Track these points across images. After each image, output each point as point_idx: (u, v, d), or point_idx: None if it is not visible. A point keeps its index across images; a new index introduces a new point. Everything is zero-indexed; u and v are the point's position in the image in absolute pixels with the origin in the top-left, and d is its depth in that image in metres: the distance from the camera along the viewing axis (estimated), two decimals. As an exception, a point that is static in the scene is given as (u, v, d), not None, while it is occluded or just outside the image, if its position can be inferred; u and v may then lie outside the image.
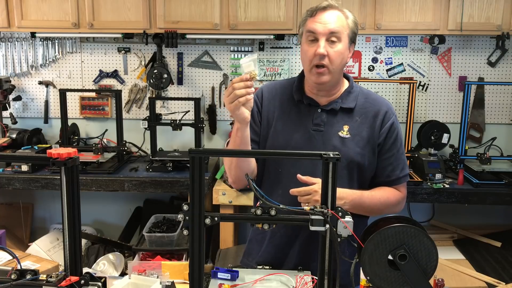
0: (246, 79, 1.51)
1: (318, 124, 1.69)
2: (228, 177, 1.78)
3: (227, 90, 1.54)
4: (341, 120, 1.70)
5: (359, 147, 1.68)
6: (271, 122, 1.75)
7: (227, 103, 1.54)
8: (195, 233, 1.19)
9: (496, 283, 2.64)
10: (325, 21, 1.61)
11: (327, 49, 1.61)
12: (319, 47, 1.60)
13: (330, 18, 1.62)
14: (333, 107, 1.70)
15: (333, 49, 1.62)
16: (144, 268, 2.37)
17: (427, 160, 3.01)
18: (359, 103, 1.72)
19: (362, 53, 3.47)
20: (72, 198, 1.17)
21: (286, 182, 1.68)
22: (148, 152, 3.42)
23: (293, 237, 1.71)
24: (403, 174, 1.74)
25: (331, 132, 1.69)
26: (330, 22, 1.61)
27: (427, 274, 1.25)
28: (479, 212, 3.49)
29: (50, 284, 1.17)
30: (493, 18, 3.07)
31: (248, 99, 1.52)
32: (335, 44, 1.62)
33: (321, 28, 1.61)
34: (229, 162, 1.72)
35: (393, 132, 1.72)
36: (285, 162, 1.70)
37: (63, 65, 3.60)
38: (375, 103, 1.73)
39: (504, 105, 3.49)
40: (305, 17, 1.68)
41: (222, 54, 3.53)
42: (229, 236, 3.16)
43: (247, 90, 1.51)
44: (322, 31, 1.61)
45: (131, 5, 3.15)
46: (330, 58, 1.62)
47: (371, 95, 1.77)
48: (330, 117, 1.70)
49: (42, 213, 3.76)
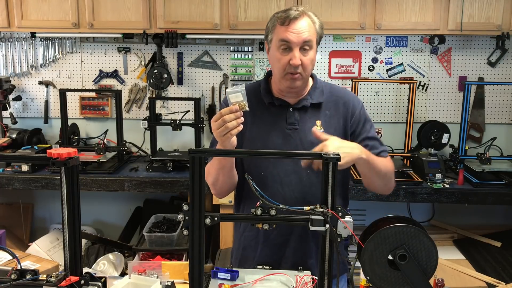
0: (236, 110, 1.50)
1: (292, 123, 1.72)
2: (212, 190, 1.78)
3: (216, 120, 1.51)
4: (312, 116, 1.75)
5: None
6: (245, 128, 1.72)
7: (217, 135, 1.52)
8: (195, 233, 1.19)
9: (496, 283, 2.64)
10: (298, 31, 1.63)
11: (301, 57, 1.64)
12: (294, 58, 1.64)
13: (303, 27, 1.64)
14: (303, 104, 1.75)
15: (306, 57, 1.66)
16: (144, 268, 2.38)
17: (427, 160, 3.02)
18: (326, 96, 1.78)
19: (362, 53, 3.47)
20: (72, 198, 1.17)
21: (271, 184, 1.70)
22: (148, 152, 3.42)
23: (287, 237, 1.72)
24: (381, 149, 1.77)
25: (305, 128, 1.72)
26: (304, 32, 1.63)
27: (427, 274, 1.25)
28: (479, 212, 3.49)
29: (50, 284, 1.17)
30: (493, 18, 3.07)
31: (239, 129, 1.52)
32: (307, 52, 1.66)
33: (295, 38, 1.63)
34: (213, 179, 1.71)
35: (362, 117, 1.78)
36: (266, 164, 1.71)
37: (63, 65, 3.60)
38: (341, 94, 1.81)
39: (504, 105, 3.49)
40: (273, 23, 1.69)
41: (222, 54, 3.53)
42: (229, 236, 3.16)
43: (237, 121, 1.50)
44: (296, 41, 1.63)
45: (131, 5, 3.15)
46: (304, 66, 1.66)
47: (335, 88, 1.84)
48: (302, 114, 1.75)
49: (42, 213, 3.76)
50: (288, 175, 1.70)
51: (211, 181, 1.73)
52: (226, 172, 1.68)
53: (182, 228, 1.22)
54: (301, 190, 1.69)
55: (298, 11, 1.65)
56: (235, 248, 1.87)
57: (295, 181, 1.70)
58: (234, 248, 1.89)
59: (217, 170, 1.68)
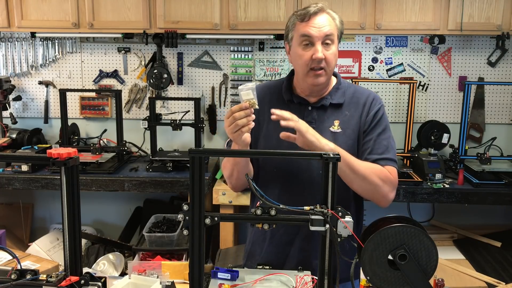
0: (246, 107, 1.51)
1: (309, 121, 1.71)
2: (228, 184, 1.82)
3: (227, 118, 1.54)
4: (331, 115, 1.73)
5: (351, 140, 1.71)
6: (262, 124, 1.77)
7: (229, 132, 1.55)
8: (195, 233, 1.19)
9: (496, 283, 2.64)
10: (319, 25, 1.64)
11: (324, 52, 1.65)
12: (317, 52, 1.64)
13: (323, 21, 1.65)
14: (323, 103, 1.74)
15: (328, 51, 1.66)
16: (144, 268, 2.37)
17: (427, 160, 3.01)
18: (347, 97, 1.76)
19: (362, 53, 3.47)
20: (72, 198, 1.17)
21: (282, 182, 1.71)
22: (148, 152, 3.42)
23: (293, 236, 1.72)
24: (382, 157, 1.69)
25: (322, 128, 1.71)
26: (324, 26, 1.65)
27: (427, 274, 1.25)
28: (479, 212, 3.49)
29: (50, 284, 1.17)
30: (493, 18, 3.07)
31: (250, 127, 1.53)
32: (330, 46, 1.66)
33: (316, 32, 1.64)
34: (228, 173, 1.75)
35: (376, 117, 1.73)
36: (279, 161, 1.72)
37: (63, 65, 3.60)
38: (363, 94, 1.77)
39: (504, 105, 3.49)
40: (293, 21, 1.70)
41: (222, 54, 3.53)
42: (229, 236, 3.16)
43: (248, 118, 1.52)
44: (318, 35, 1.64)
45: (131, 5, 3.15)
46: (327, 60, 1.66)
47: (359, 89, 1.81)
48: (321, 113, 1.74)
49: (42, 213, 3.77)
50: (301, 172, 1.69)
51: (227, 174, 1.77)
52: (241, 168, 1.69)
53: (182, 228, 1.22)
54: (312, 188, 1.69)
55: (317, 7, 1.66)
56: (247, 242, 1.90)
57: (307, 179, 1.69)
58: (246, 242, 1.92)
59: (232, 165, 1.71)
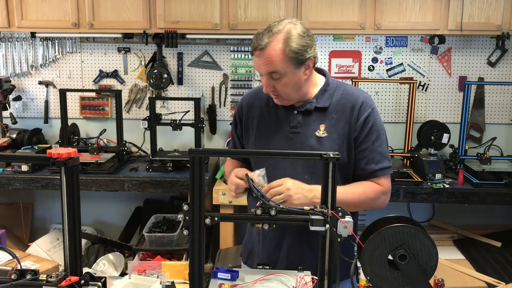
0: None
1: (294, 126, 1.70)
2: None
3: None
4: (317, 119, 1.69)
5: (337, 145, 1.66)
6: (252, 129, 1.78)
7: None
8: (195, 233, 1.19)
9: (496, 283, 2.64)
10: (262, 62, 1.59)
11: (272, 84, 1.62)
12: (263, 85, 1.65)
13: (267, 59, 1.57)
14: (307, 108, 1.70)
15: (278, 83, 1.62)
16: (144, 268, 2.37)
17: (427, 160, 3.01)
18: (334, 100, 1.70)
19: (362, 53, 3.47)
20: (72, 198, 1.17)
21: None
22: (148, 152, 3.42)
23: (281, 239, 1.72)
24: (379, 167, 1.67)
25: (308, 132, 1.68)
26: (268, 64, 1.58)
27: (427, 274, 1.25)
28: (479, 212, 3.49)
29: (50, 284, 1.17)
30: (493, 18, 3.07)
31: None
32: (278, 80, 1.61)
33: (261, 69, 1.61)
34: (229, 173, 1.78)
35: (367, 124, 1.67)
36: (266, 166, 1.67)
37: (63, 65, 3.60)
38: (352, 97, 1.70)
39: (504, 105, 3.49)
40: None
41: (222, 54, 3.53)
42: (229, 236, 3.16)
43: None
44: (263, 71, 1.62)
45: (131, 5, 3.15)
46: (277, 90, 1.64)
47: (348, 89, 1.74)
48: (306, 118, 1.70)
49: (42, 213, 3.77)
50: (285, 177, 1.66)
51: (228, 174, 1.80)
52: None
53: (182, 228, 1.22)
54: None
55: (260, 45, 1.57)
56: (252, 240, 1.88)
57: None
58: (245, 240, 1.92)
59: (229, 172, 1.73)
